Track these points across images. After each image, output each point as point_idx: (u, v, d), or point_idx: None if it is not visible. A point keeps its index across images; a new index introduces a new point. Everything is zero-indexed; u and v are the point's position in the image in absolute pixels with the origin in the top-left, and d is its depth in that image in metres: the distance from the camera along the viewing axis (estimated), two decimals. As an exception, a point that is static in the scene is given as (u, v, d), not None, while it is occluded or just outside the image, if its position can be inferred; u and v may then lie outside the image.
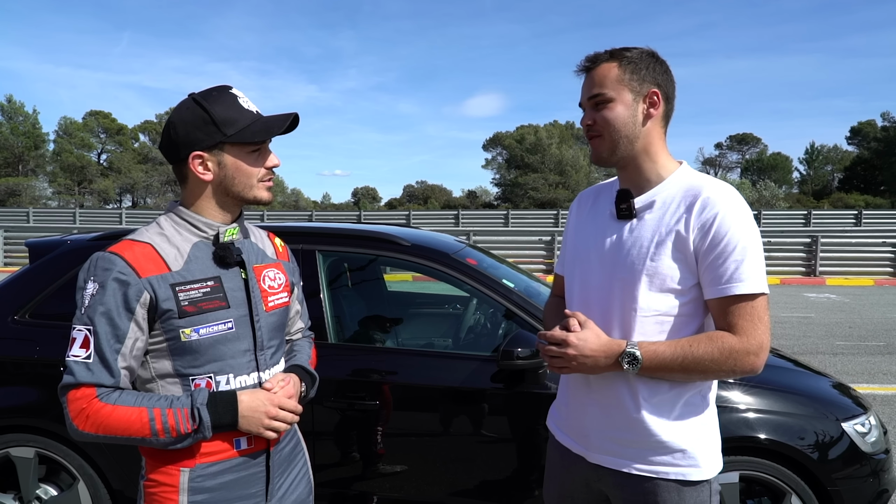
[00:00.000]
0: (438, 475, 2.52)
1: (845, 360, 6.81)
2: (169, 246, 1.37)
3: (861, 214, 23.40)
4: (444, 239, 3.18)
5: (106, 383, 1.28)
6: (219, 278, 1.40)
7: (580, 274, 1.57)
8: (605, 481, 1.53)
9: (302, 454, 1.64)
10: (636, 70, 1.44)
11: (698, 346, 1.36)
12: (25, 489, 2.67)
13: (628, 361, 1.39)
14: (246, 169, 1.41)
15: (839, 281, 14.64)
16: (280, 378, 1.47)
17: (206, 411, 1.31)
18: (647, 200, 1.47)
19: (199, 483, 1.37)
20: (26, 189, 45.31)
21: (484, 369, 2.47)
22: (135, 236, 1.39)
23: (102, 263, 1.31)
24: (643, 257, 1.42)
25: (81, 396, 1.27)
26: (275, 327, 1.50)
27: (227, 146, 1.38)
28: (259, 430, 1.38)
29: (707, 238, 1.37)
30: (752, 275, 1.36)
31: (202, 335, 1.35)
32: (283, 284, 1.55)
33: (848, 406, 2.56)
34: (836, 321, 9.26)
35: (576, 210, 1.69)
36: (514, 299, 2.60)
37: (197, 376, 1.37)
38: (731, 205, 1.38)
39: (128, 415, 1.28)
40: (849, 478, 2.39)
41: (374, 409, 2.50)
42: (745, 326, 1.36)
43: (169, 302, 1.32)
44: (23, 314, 2.74)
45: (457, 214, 25.99)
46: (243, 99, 1.41)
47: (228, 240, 1.44)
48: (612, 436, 1.49)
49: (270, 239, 1.63)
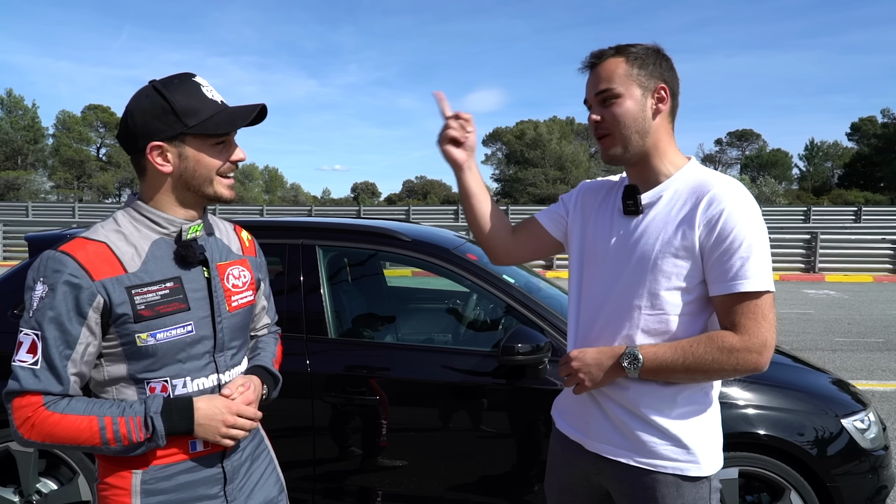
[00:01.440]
0: (438, 470, 2.52)
1: (844, 356, 6.82)
2: (126, 244, 1.29)
3: (860, 211, 23.42)
4: (445, 234, 3.18)
5: (53, 391, 1.21)
6: (179, 279, 1.32)
7: (586, 270, 1.57)
8: (605, 474, 1.53)
9: (266, 453, 1.57)
10: (644, 65, 1.42)
11: (699, 347, 1.36)
12: (25, 483, 2.68)
13: (629, 361, 1.39)
14: (207, 162, 1.32)
15: (838, 277, 14.65)
16: (240, 382, 1.40)
17: (159, 420, 1.25)
18: (653, 196, 1.45)
19: (152, 485, 1.32)
20: (25, 183, 45.26)
21: (484, 364, 2.47)
22: (89, 234, 1.29)
23: (53, 264, 1.22)
24: (648, 254, 1.41)
25: (27, 404, 1.20)
26: (238, 328, 1.44)
27: (188, 137, 1.29)
28: (216, 439, 1.32)
29: (713, 234, 1.35)
30: (757, 272, 1.34)
31: (159, 340, 1.28)
32: (248, 282, 1.48)
33: (847, 402, 2.56)
34: (835, 318, 9.27)
35: (586, 200, 1.64)
36: (515, 295, 2.60)
37: (152, 380, 1.30)
38: (738, 201, 1.36)
39: (76, 423, 1.21)
40: (848, 474, 2.39)
41: (374, 404, 2.50)
42: (747, 325, 1.34)
43: (124, 306, 1.24)
44: (22, 308, 2.74)
45: (456, 210, 25.97)
46: (207, 88, 1.32)
47: (191, 237, 1.35)
48: (613, 426, 1.49)
49: (237, 232, 1.55)
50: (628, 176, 1.55)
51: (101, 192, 51.87)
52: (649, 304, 1.42)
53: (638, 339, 1.44)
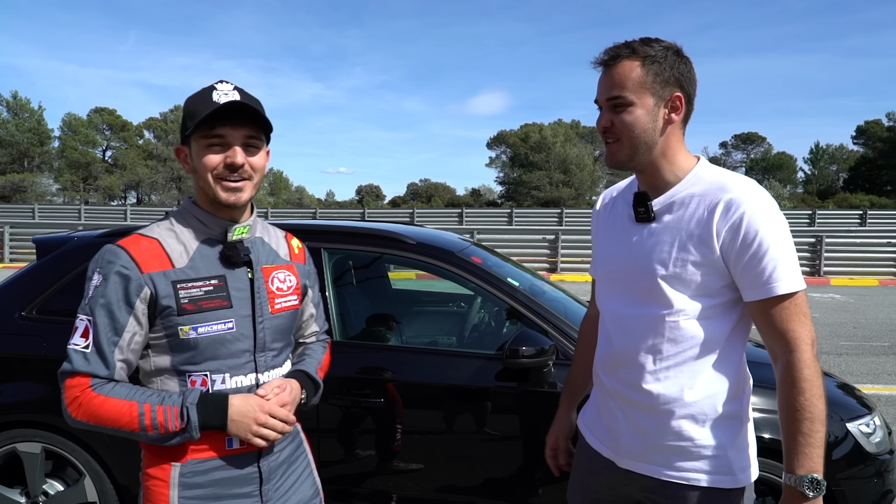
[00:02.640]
0: (442, 473, 2.52)
1: (849, 360, 6.79)
2: (176, 242, 1.37)
3: (866, 214, 23.31)
4: (449, 237, 3.18)
5: (100, 374, 1.29)
6: (224, 277, 1.38)
7: (604, 281, 1.56)
8: (635, 486, 1.50)
9: (304, 456, 1.60)
10: (660, 71, 1.35)
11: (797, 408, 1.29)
12: (32, 484, 2.69)
13: (812, 489, 1.29)
14: (204, 162, 1.35)
15: (843, 281, 14.59)
16: (276, 384, 1.43)
17: (194, 411, 1.31)
18: (665, 202, 1.41)
19: (189, 479, 1.36)
20: (32, 185, 45.46)
21: (488, 368, 2.47)
22: (145, 231, 1.39)
23: (108, 256, 1.33)
24: (665, 262, 1.38)
25: (76, 384, 1.29)
26: (280, 330, 1.47)
27: (192, 139, 1.36)
28: (247, 436, 1.36)
29: (738, 239, 1.31)
30: (791, 272, 1.30)
31: (200, 334, 1.34)
32: (293, 287, 1.52)
33: (852, 406, 2.56)
34: (840, 321, 9.23)
35: (597, 213, 1.65)
36: (519, 298, 2.60)
37: (193, 373, 1.36)
38: (757, 201, 1.32)
39: (118, 407, 1.28)
40: (853, 478, 2.38)
41: (379, 407, 2.51)
42: (795, 329, 1.31)
43: (168, 299, 1.32)
44: (30, 310, 2.76)
45: (461, 213, 25.98)
46: (219, 91, 1.33)
47: (237, 238, 1.41)
48: (643, 442, 1.45)
49: (287, 240, 1.60)
50: (638, 181, 1.51)
51: (107, 194, 52.06)
52: (672, 312, 1.38)
53: (665, 349, 1.40)
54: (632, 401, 1.46)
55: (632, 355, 1.45)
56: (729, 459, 1.40)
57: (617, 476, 1.53)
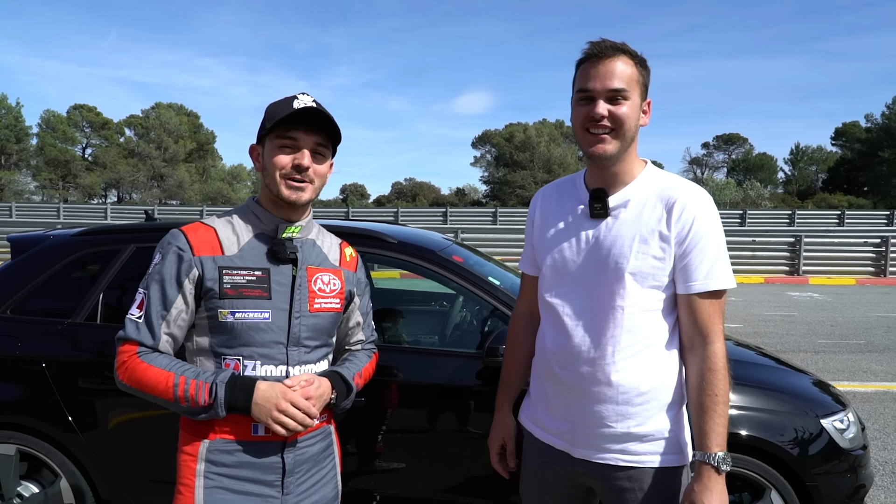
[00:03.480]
0: (424, 471, 2.52)
1: (826, 357, 6.90)
2: (230, 233, 1.49)
3: (844, 214, 23.69)
4: (431, 236, 3.18)
5: (147, 343, 1.42)
6: (268, 270, 1.48)
7: (555, 275, 1.57)
8: (590, 474, 1.55)
9: (332, 458, 1.65)
10: (644, 75, 1.49)
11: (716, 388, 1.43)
12: (6, 487, 2.64)
13: (723, 463, 1.44)
14: (274, 161, 1.47)
15: (822, 280, 14.83)
16: (305, 378, 1.49)
17: (222, 389, 1.39)
18: (621, 200, 1.50)
19: (215, 456, 1.45)
20: (9, 184, 44.67)
21: (470, 366, 2.48)
22: (206, 220, 1.52)
23: (170, 238, 1.47)
24: (626, 255, 1.44)
25: (126, 350, 1.42)
26: (317, 329, 1.54)
27: (266, 139, 1.49)
28: (267, 421, 1.42)
29: (687, 238, 1.43)
30: (724, 271, 1.44)
31: (237, 318, 1.43)
32: (337, 291, 1.59)
33: (827, 403, 2.60)
34: (818, 319, 9.38)
35: (539, 208, 1.69)
36: (500, 297, 2.61)
37: (228, 356, 1.45)
38: (705, 206, 1.46)
39: (157, 375, 1.39)
40: (827, 473, 2.43)
41: (360, 406, 2.50)
42: (714, 323, 1.45)
43: (213, 282, 1.43)
44: (4, 310, 2.71)
45: (445, 212, 25.98)
46: (300, 99, 1.47)
47: (286, 236, 1.50)
48: (599, 431, 1.51)
49: (341, 248, 1.69)
50: (591, 177, 1.56)
51: (86, 192, 51.30)
52: (630, 304, 1.45)
53: (623, 340, 1.46)
54: (590, 392, 1.51)
55: (591, 348, 1.50)
56: (678, 439, 1.51)
57: (572, 467, 1.58)
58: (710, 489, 1.42)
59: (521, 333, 1.79)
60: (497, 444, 1.83)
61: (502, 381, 1.85)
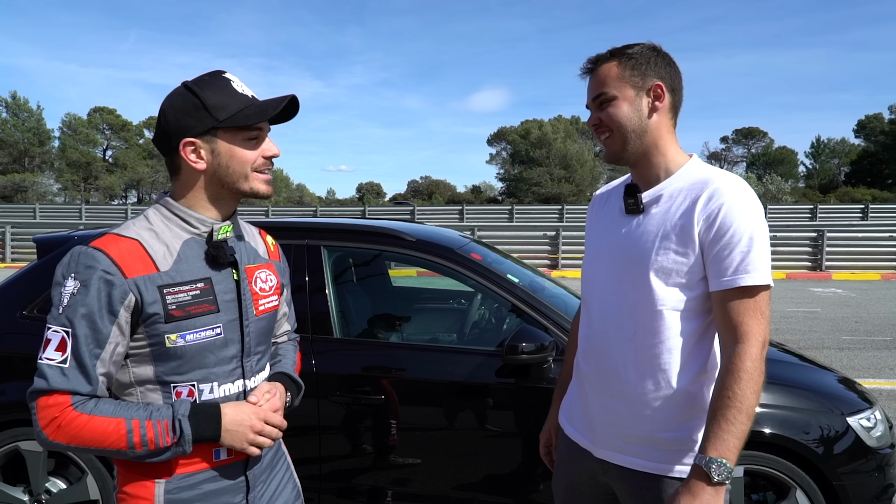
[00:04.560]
0: (443, 469, 2.53)
1: (851, 354, 6.79)
2: (158, 243, 1.26)
3: (868, 208, 23.28)
4: (449, 234, 3.18)
5: (82, 391, 1.17)
6: (209, 280, 1.29)
7: (593, 272, 1.58)
8: (611, 475, 1.53)
9: (283, 459, 1.56)
10: (636, 66, 1.44)
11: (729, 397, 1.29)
12: (35, 482, 2.70)
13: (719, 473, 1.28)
14: (241, 156, 1.29)
15: (845, 275, 14.58)
16: (266, 389, 1.38)
17: (187, 424, 1.22)
18: (654, 194, 1.46)
19: (175, 495, 1.28)
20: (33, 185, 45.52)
21: (489, 364, 2.48)
22: (120, 230, 1.27)
23: (85, 260, 1.19)
24: (648, 251, 1.41)
25: (54, 404, 1.16)
26: (263, 332, 1.42)
27: (219, 132, 1.28)
28: (243, 446, 1.29)
29: (713, 229, 1.35)
30: (758, 266, 1.33)
31: (189, 341, 1.25)
32: (275, 287, 1.47)
33: (853, 401, 2.56)
34: (842, 316, 9.23)
35: (591, 210, 1.71)
36: (519, 294, 2.60)
37: (179, 384, 1.27)
38: (737, 195, 1.35)
39: (104, 426, 1.17)
40: (854, 472, 2.38)
41: (380, 404, 2.51)
42: (749, 324, 1.33)
43: (155, 305, 1.22)
44: (31, 309, 2.76)
45: (461, 210, 25.98)
46: (237, 83, 1.31)
47: (222, 237, 1.33)
48: (618, 431, 1.49)
49: (262, 237, 1.54)
50: (631, 176, 1.56)
51: (107, 193, 52.12)
52: (653, 302, 1.41)
53: (644, 339, 1.43)
54: (609, 390, 1.49)
55: (612, 344, 1.48)
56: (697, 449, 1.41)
57: (594, 465, 1.56)
58: (694, 496, 1.28)
59: (577, 332, 1.79)
60: (545, 438, 1.86)
61: (560, 377, 1.86)
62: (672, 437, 1.43)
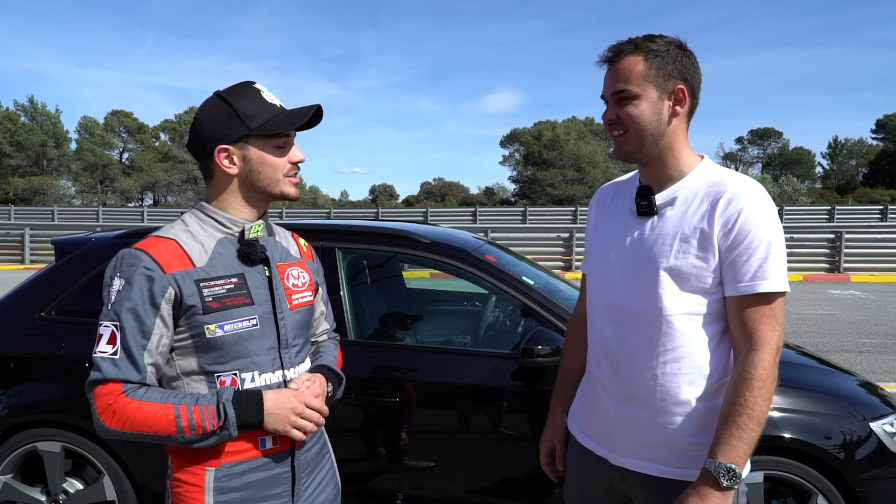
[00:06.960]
0: (458, 472, 2.51)
1: (871, 358, 6.68)
2: (193, 242, 1.38)
3: (886, 209, 22.94)
4: (463, 236, 3.17)
5: (132, 379, 1.28)
6: (242, 275, 1.39)
7: (602, 273, 1.54)
8: (629, 482, 1.51)
9: (328, 456, 1.64)
10: (663, 65, 1.37)
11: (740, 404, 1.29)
12: (52, 483, 2.72)
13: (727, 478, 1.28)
14: (271, 162, 1.40)
15: (864, 277, 14.35)
16: (306, 377, 1.46)
17: (231, 408, 1.30)
18: (668, 197, 1.43)
19: (224, 483, 1.36)
20: (50, 188, 46.15)
21: (504, 367, 2.46)
22: (160, 233, 1.39)
23: (128, 259, 1.31)
24: (666, 255, 1.38)
25: (108, 392, 1.27)
26: (299, 325, 1.50)
27: (251, 139, 1.38)
28: (286, 429, 1.37)
29: (731, 234, 1.33)
30: (775, 273, 1.32)
31: (227, 331, 1.34)
32: (307, 283, 1.55)
33: (875, 405, 2.51)
34: (861, 318, 9.08)
35: (595, 207, 1.66)
36: (534, 296, 2.58)
37: (222, 373, 1.36)
38: (755, 200, 1.34)
39: (153, 411, 1.27)
40: (877, 478, 2.34)
41: (394, 406, 2.50)
42: (763, 331, 1.32)
43: (193, 298, 1.32)
44: (49, 311, 2.79)
45: (474, 211, 25.97)
46: (266, 93, 1.41)
47: (253, 237, 1.43)
48: (637, 438, 1.46)
49: (294, 239, 1.64)
50: (641, 175, 1.52)
51: (124, 195, 52.71)
52: (670, 307, 1.38)
53: (661, 344, 1.40)
54: (627, 396, 1.46)
55: (628, 350, 1.45)
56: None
57: (611, 473, 1.53)
58: (702, 500, 1.29)
59: (577, 335, 1.75)
60: (547, 446, 1.79)
61: (557, 382, 1.82)
62: (696, 441, 1.40)
